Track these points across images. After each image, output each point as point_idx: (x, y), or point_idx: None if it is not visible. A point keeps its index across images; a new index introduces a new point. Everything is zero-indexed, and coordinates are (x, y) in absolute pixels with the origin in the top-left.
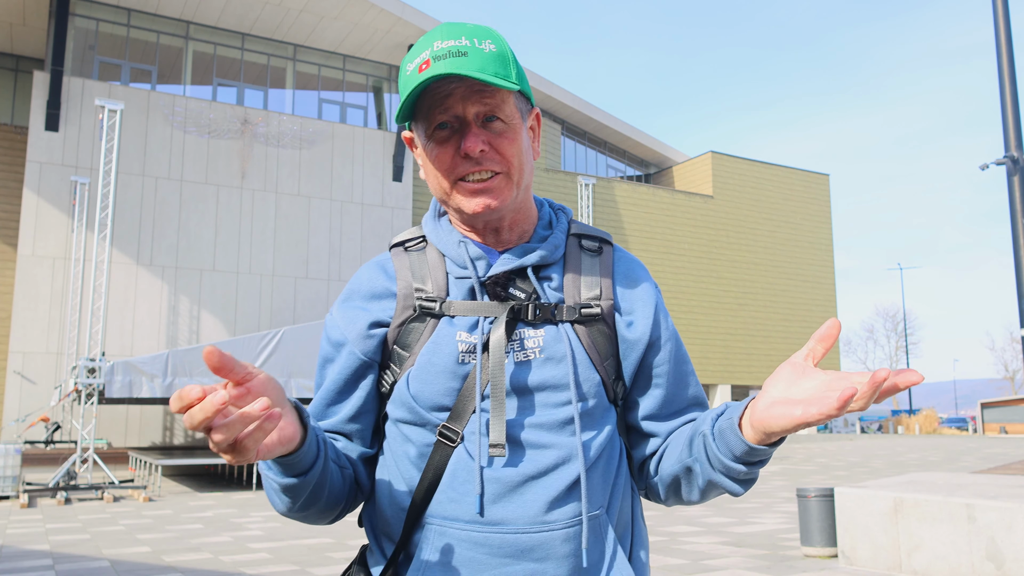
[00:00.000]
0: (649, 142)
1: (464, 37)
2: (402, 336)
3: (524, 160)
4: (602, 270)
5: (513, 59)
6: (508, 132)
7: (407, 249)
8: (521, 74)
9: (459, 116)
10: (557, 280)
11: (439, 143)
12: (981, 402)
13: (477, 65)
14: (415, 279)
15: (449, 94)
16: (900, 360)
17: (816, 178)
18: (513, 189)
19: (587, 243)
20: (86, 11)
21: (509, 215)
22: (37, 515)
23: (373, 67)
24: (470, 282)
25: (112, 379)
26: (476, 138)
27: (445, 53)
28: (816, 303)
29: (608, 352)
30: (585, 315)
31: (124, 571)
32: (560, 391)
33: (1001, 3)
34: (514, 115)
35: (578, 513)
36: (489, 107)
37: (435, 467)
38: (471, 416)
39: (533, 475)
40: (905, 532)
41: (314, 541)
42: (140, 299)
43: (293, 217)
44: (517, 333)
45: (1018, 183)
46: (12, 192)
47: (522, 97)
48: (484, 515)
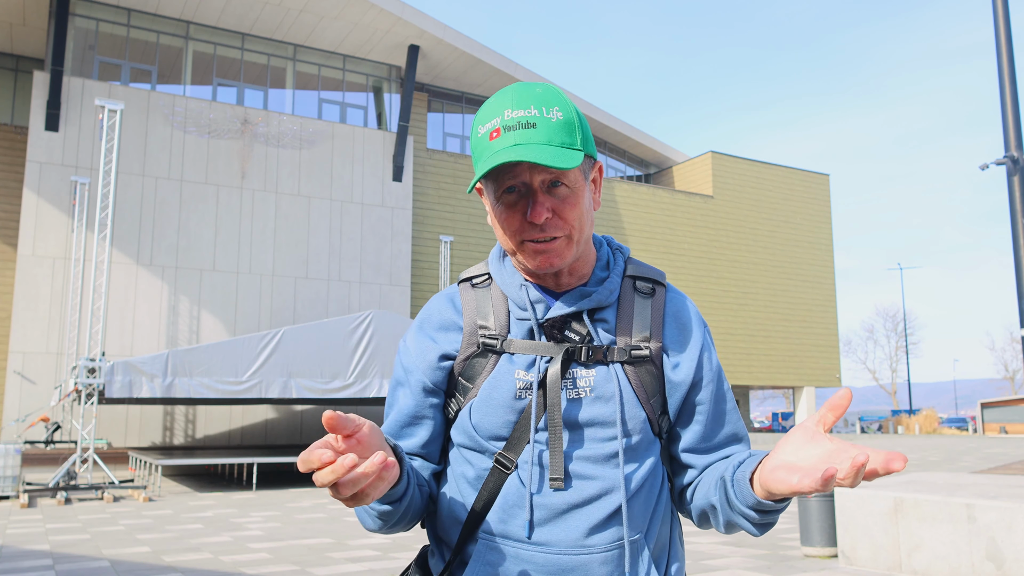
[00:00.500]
0: (649, 142)
1: (533, 106)
2: (467, 369)
3: (585, 220)
4: (653, 312)
5: (579, 123)
6: (571, 197)
7: (474, 285)
8: (587, 136)
9: (526, 183)
10: (611, 322)
11: (508, 206)
12: (981, 402)
13: (544, 138)
14: (479, 316)
15: (517, 162)
16: (900, 360)
17: (816, 178)
18: (573, 248)
19: (641, 285)
20: (86, 11)
21: (569, 265)
22: (37, 515)
23: (373, 67)
24: (529, 323)
25: (112, 379)
26: (541, 207)
27: (515, 124)
28: (816, 303)
29: (654, 390)
30: (635, 357)
31: (124, 571)
32: (608, 427)
33: (1001, 3)
34: (578, 179)
35: (617, 538)
36: (555, 175)
37: (490, 490)
38: (525, 447)
39: (577, 503)
40: (905, 532)
41: (314, 541)
42: (140, 299)
43: (293, 217)
44: (570, 372)
45: (1018, 183)
46: (12, 192)
47: (587, 158)
48: (532, 536)
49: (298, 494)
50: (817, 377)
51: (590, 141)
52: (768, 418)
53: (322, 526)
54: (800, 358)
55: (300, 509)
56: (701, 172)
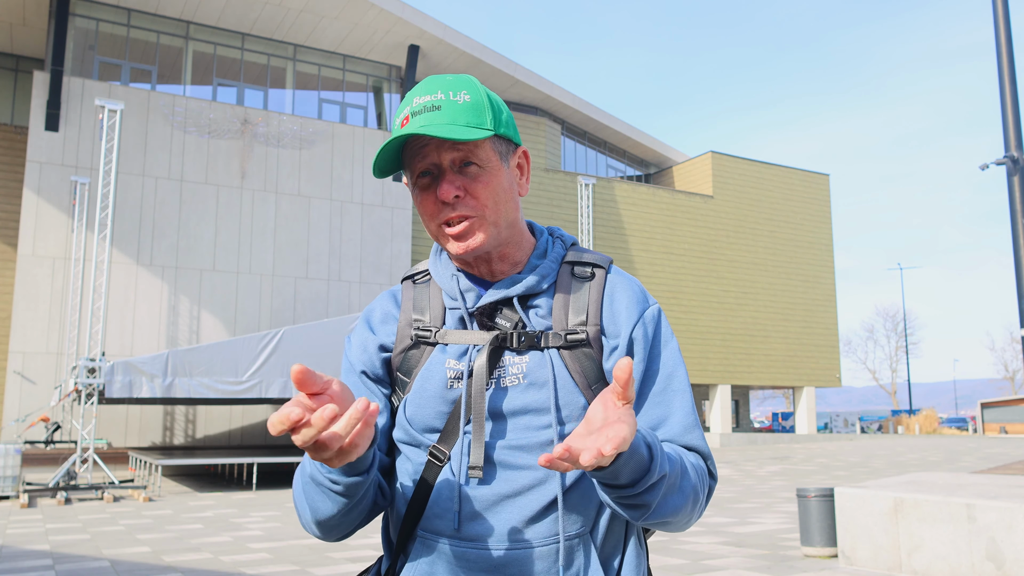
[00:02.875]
0: (649, 142)
1: (440, 91)
2: (403, 363)
3: (501, 200)
4: (591, 295)
5: (491, 105)
6: (483, 176)
7: (415, 282)
8: (499, 119)
9: (436, 164)
10: (545, 308)
11: (422, 190)
12: (981, 402)
13: (448, 118)
14: (415, 310)
15: (425, 144)
16: (900, 360)
17: (816, 178)
18: (491, 228)
19: (579, 270)
20: (86, 11)
21: (496, 250)
22: (37, 515)
23: (373, 67)
24: (460, 313)
25: (112, 379)
26: (450, 184)
27: (421, 108)
28: (816, 303)
29: (596, 376)
30: (571, 341)
31: (124, 571)
32: (542, 415)
33: (1001, 3)
34: (490, 158)
35: (553, 532)
36: (463, 153)
37: (425, 484)
38: (458, 438)
39: (508, 495)
40: (905, 532)
41: (314, 541)
42: (140, 299)
43: (293, 217)
44: (503, 360)
45: (1018, 183)
46: (12, 192)
47: (502, 140)
48: (460, 531)
49: None
50: (817, 377)
51: (508, 125)
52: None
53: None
54: (800, 358)
55: None
56: (701, 172)
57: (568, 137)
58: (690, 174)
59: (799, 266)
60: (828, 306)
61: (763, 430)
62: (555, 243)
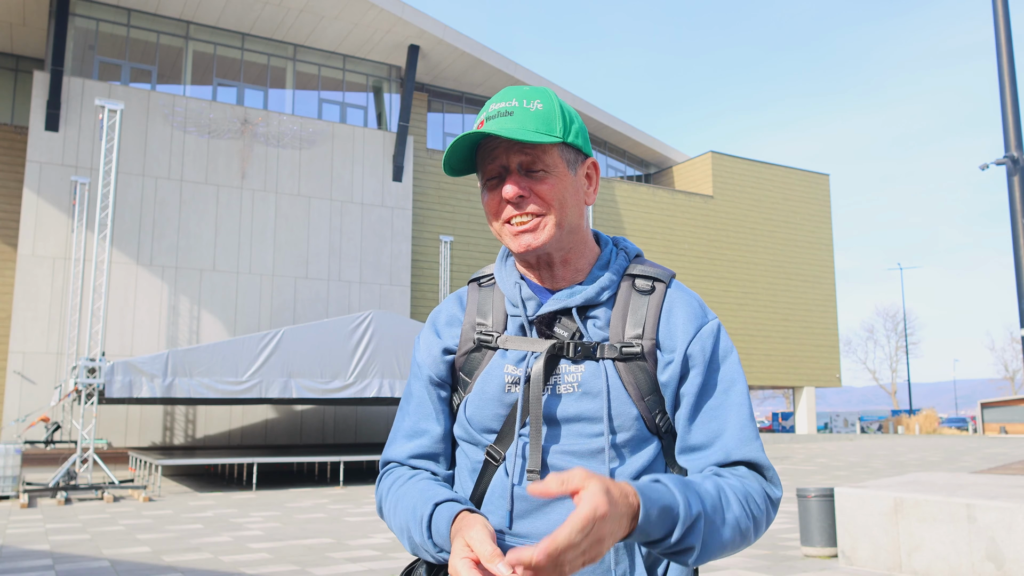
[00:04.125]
0: (649, 142)
1: (514, 99)
2: (465, 364)
3: (567, 203)
4: (649, 309)
5: (562, 115)
6: (548, 179)
7: (481, 285)
8: (569, 128)
9: (504, 166)
10: (603, 319)
11: (490, 190)
12: (981, 402)
13: (518, 124)
14: (479, 314)
15: (496, 147)
16: (900, 360)
17: (816, 178)
18: (555, 230)
19: (640, 283)
20: (86, 11)
21: (559, 254)
22: (37, 515)
23: (373, 67)
24: (520, 320)
25: (112, 379)
26: (514, 184)
27: (495, 114)
28: (816, 303)
29: (649, 388)
30: (626, 354)
31: (124, 571)
32: (594, 423)
33: (1001, 3)
34: (557, 164)
35: None
36: (530, 157)
37: (483, 482)
38: (513, 440)
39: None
40: (905, 532)
41: (314, 541)
42: (140, 299)
43: (293, 217)
44: (559, 368)
45: (1018, 183)
46: (12, 192)
47: (571, 148)
48: (512, 528)
49: (298, 494)
50: (817, 377)
51: (579, 135)
52: (768, 418)
53: (322, 526)
54: (800, 358)
55: (300, 509)
56: (701, 172)
57: None
58: (690, 174)
59: (799, 266)
60: (828, 306)
61: (763, 430)
62: (619, 254)
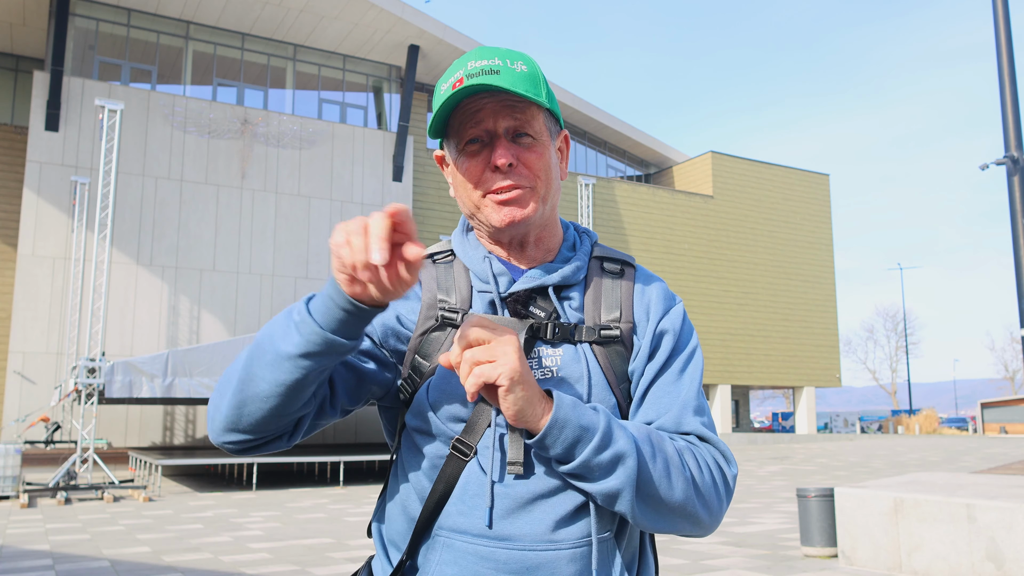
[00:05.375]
0: (649, 142)
1: (497, 58)
2: (423, 346)
3: (551, 176)
4: (623, 292)
5: (544, 81)
6: (537, 147)
7: (435, 262)
8: (551, 96)
9: (490, 130)
10: (578, 301)
11: (470, 156)
12: (981, 402)
13: (508, 82)
14: (440, 290)
15: (480, 109)
16: (900, 360)
17: (816, 178)
18: (539, 203)
19: (609, 266)
20: (86, 11)
21: (535, 231)
22: (37, 515)
23: (373, 67)
24: (491, 296)
25: (112, 379)
26: (506, 151)
27: (478, 71)
28: (816, 303)
29: (624, 375)
30: (604, 337)
31: (124, 571)
32: None
33: (1001, 3)
34: (543, 132)
35: (586, 534)
36: (519, 122)
37: (447, 479)
38: (486, 430)
39: (543, 493)
40: (905, 532)
41: (314, 541)
42: (140, 299)
43: (293, 217)
44: (536, 351)
45: (1018, 183)
46: (12, 192)
47: (551, 117)
48: (493, 529)
49: (298, 494)
50: (817, 377)
51: (555, 102)
52: (768, 418)
53: (322, 526)
54: (800, 358)
55: (300, 509)
56: (701, 172)
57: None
58: (690, 174)
59: (799, 266)
60: (828, 306)
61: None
62: (582, 237)
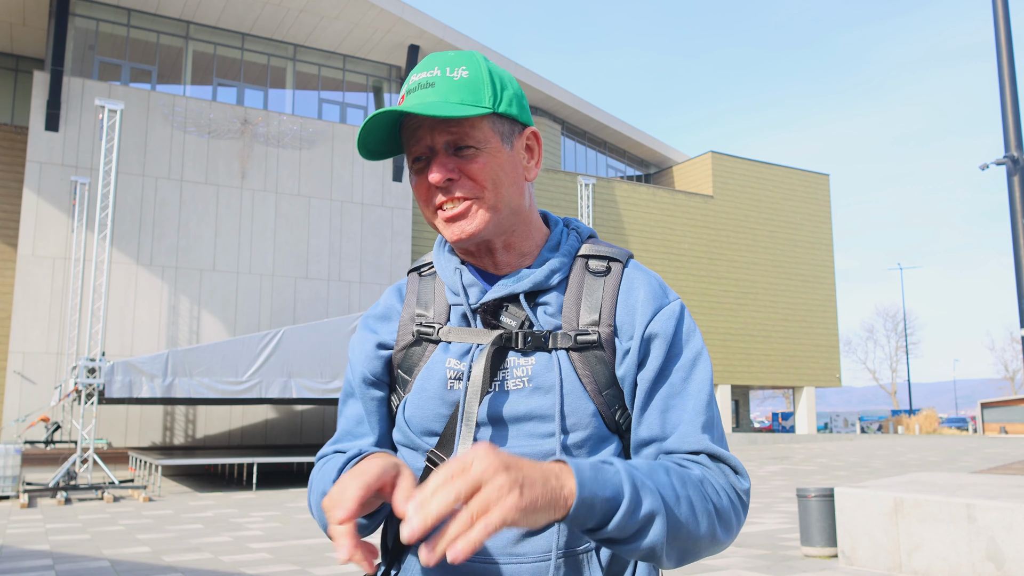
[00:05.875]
0: (649, 142)
1: (437, 68)
2: (404, 361)
3: (502, 183)
4: (605, 293)
5: (491, 81)
6: (479, 156)
7: (421, 275)
8: (501, 96)
9: (429, 146)
10: (555, 305)
11: (417, 174)
12: (981, 402)
13: (440, 96)
14: (419, 305)
15: (419, 126)
16: (900, 360)
17: (816, 178)
18: (490, 213)
19: (594, 264)
20: (86, 11)
21: (500, 238)
22: (37, 515)
23: (373, 67)
24: (463, 309)
25: (112, 379)
26: (441, 167)
27: (416, 86)
28: (816, 303)
29: (608, 380)
30: (581, 342)
31: (124, 571)
32: (547, 421)
33: (1001, 3)
34: (489, 139)
35: (549, 548)
36: (456, 135)
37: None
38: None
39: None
40: (905, 532)
41: (314, 541)
42: (140, 299)
43: (293, 217)
44: (507, 361)
45: (1018, 183)
46: (12, 192)
47: (505, 119)
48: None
49: (298, 494)
50: (817, 377)
51: (512, 103)
52: (768, 418)
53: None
54: (800, 358)
55: (300, 509)
56: (701, 172)
57: (568, 137)
58: (690, 174)
59: (799, 266)
60: (828, 306)
61: (763, 430)
62: (570, 235)
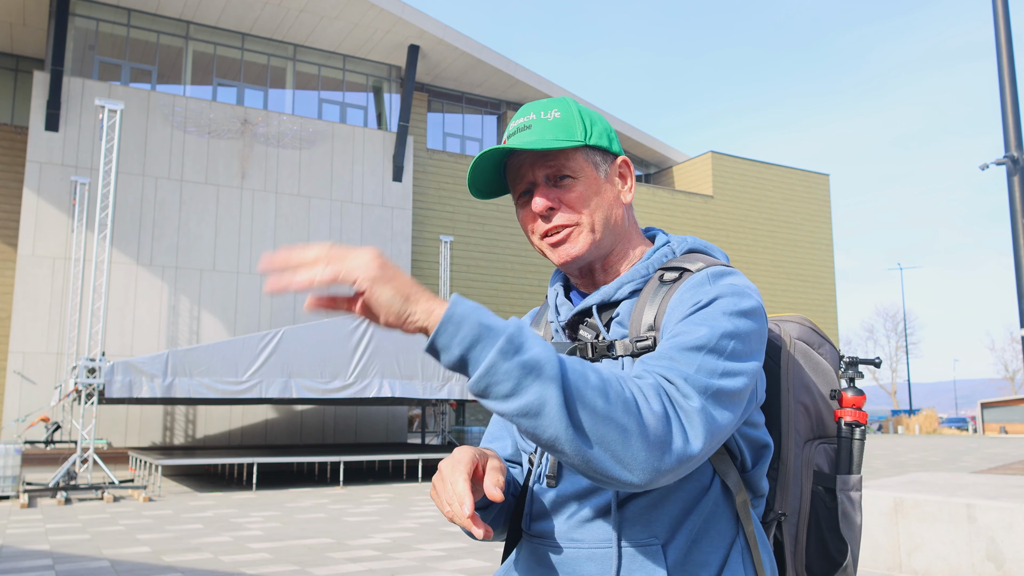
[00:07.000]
0: (649, 142)
1: (532, 113)
2: None
3: (599, 207)
4: (666, 298)
5: (582, 119)
6: (576, 185)
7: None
8: (591, 131)
9: (531, 181)
10: (625, 316)
11: (523, 207)
12: (981, 402)
13: (537, 135)
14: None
15: (521, 164)
16: (900, 360)
17: (816, 178)
18: (589, 236)
19: (668, 275)
20: (86, 11)
21: (599, 260)
22: (37, 515)
23: (373, 67)
24: (556, 326)
25: (112, 379)
26: (543, 197)
27: (515, 130)
28: (816, 303)
29: None
30: (640, 349)
31: (124, 571)
32: None
33: (1001, 3)
34: (583, 168)
35: (607, 537)
36: (554, 168)
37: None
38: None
39: (569, 497)
40: (905, 532)
41: (314, 541)
42: (140, 299)
43: (293, 217)
44: None
45: (1018, 183)
46: (12, 192)
47: (596, 151)
48: (530, 529)
49: (298, 494)
50: None
51: (603, 136)
52: None
53: (322, 526)
54: None
55: (300, 509)
56: (701, 172)
57: None
58: (690, 174)
59: (799, 266)
60: (828, 306)
61: None
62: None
